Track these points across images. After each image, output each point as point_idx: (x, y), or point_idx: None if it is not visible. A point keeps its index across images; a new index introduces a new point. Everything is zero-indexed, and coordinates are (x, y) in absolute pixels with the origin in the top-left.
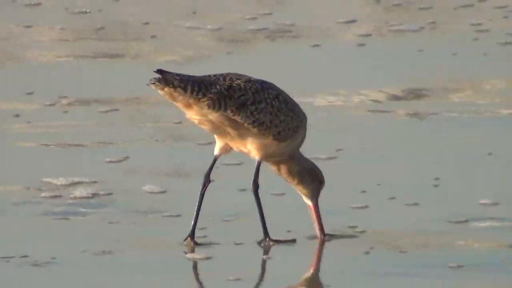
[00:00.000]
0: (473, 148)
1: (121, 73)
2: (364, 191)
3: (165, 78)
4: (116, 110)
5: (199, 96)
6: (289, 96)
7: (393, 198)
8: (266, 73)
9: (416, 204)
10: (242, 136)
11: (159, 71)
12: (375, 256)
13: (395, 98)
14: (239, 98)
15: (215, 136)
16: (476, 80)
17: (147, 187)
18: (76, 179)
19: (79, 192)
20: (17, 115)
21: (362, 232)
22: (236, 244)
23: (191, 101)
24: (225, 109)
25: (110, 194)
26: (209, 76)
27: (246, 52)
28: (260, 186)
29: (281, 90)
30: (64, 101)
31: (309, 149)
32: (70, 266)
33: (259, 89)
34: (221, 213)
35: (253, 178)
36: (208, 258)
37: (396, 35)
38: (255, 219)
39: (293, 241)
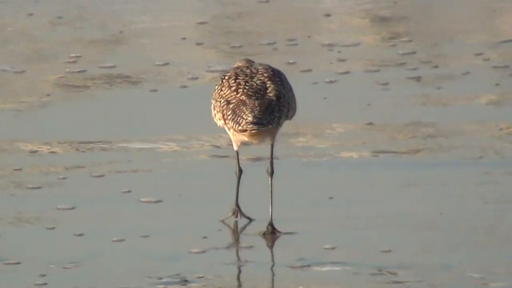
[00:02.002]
0: (314, 192)
1: None
2: (205, 237)
3: (263, 123)
4: None
5: (278, 124)
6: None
7: (232, 244)
8: (106, 119)
9: (255, 248)
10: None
11: (257, 123)
12: None
13: None
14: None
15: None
16: (316, 124)
17: None
18: None
19: None
20: None
21: (200, 277)
22: None
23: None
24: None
25: None
26: (247, 90)
27: (85, 98)
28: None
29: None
30: None
31: (152, 193)
32: None
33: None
34: (60, 260)
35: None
36: None
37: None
38: (94, 266)
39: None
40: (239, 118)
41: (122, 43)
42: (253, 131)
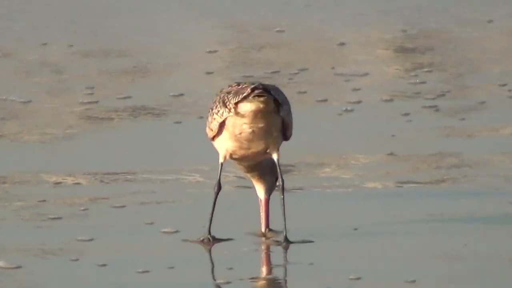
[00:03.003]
0: (338, 223)
1: None
2: (231, 268)
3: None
4: None
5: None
6: None
7: (258, 275)
8: (131, 150)
9: (280, 279)
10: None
11: (264, 89)
12: None
13: None
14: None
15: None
16: (340, 154)
17: (10, 265)
18: None
19: None
20: None
21: None
22: None
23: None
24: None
25: None
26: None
27: (109, 130)
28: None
29: None
30: None
31: (176, 224)
32: None
33: None
34: None
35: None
36: None
37: None
38: None
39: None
40: (242, 90)
41: (140, 74)
42: (260, 95)
